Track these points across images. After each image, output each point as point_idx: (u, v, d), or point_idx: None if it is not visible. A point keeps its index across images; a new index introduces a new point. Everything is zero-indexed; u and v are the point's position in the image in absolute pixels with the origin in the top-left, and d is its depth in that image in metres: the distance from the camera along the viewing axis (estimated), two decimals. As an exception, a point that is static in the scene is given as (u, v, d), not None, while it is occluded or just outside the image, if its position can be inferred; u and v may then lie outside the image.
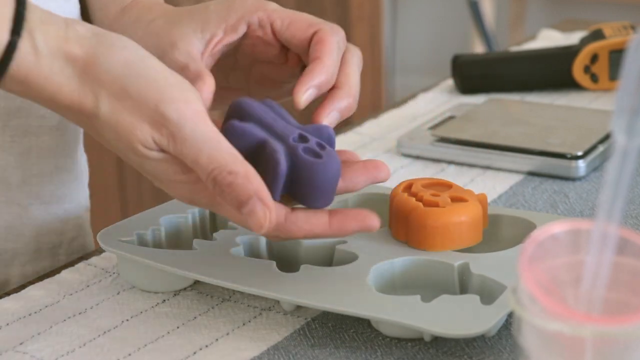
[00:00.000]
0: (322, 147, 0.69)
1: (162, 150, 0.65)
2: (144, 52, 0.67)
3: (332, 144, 0.71)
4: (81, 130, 0.92)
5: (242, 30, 0.78)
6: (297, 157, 0.67)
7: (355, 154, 0.74)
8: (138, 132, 0.65)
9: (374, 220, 0.68)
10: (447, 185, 0.78)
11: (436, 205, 0.75)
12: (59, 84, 0.65)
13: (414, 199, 0.76)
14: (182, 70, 0.74)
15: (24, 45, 0.64)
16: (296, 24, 0.78)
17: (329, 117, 0.73)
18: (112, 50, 0.65)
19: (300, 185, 0.67)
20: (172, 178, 0.67)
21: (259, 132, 0.68)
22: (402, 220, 0.76)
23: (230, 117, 0.70)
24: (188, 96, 0.65)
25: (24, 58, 0.64)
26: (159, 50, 0.75)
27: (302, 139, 0.69)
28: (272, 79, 0.81)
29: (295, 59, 0.80)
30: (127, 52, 0.66)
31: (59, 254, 0.90)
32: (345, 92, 0.75)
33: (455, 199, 0.76)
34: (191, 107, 0.65)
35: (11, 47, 0.64)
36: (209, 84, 0.72)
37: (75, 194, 0.91)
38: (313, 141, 0.69)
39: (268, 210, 0.64)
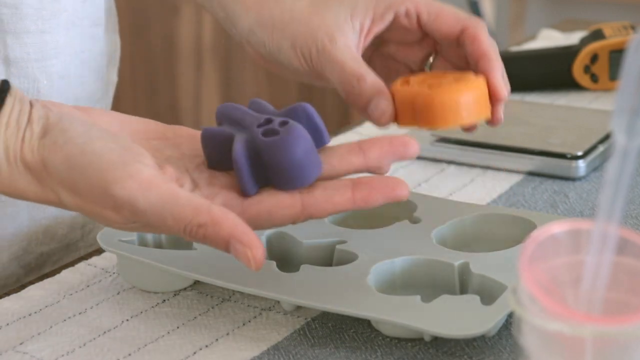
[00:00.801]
0: (284, 124, 0.66)
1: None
2: (85, 138, 0.64)
3: (311, 119, 0.68)
4: None
5: (388, 19, 0.79)
6: (257, 142, 0.66)
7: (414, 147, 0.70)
8: (106, 218, 0.64)
9: (403, 190, 0.66)
10: (442, 75, 0.78)
11: (440, 85, 0.75)
12: (23, 188, 0.65)
13: (416, 86, 0.76)
14: (355, 79, 0.75)
15: None
16: (443, 17, 0.78)
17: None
18: (54, 149, 0.64)
19: (268, 169, 0.65)
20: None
21: (227, 130, 0.67)
22: (408, 106, 0.75)
23: (217, 124, 0.70)
24: (131, 169, 0.63)
25: None
26: (309, 42, 0.76)
27: (267, 122, 0.67)
28: (397, 61, 0.82)
29: (430, 43, 0.80)
30: (67, 147, 0.64)
31: (79, 248, 0.92)
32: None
33: (458, 79, 0.76)
34: (137, 179, 0.63)
35: None
36: (387, 100, 0.75)
37: None
38: (276, 121, 0.66)
39: (248, 249, 0.62)
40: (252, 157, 0.65)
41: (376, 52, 0.82)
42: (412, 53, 0.82)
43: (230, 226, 0.62)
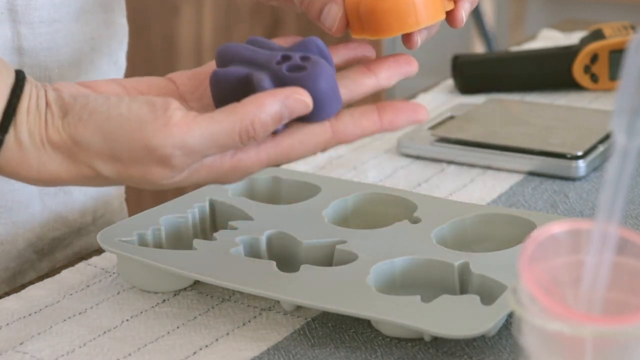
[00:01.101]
0: (306, 59, 0.67)
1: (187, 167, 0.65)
2: (107, 106, 0.65)
3: (323, 53, 0.69)
4: None
5: None
6: (283, 78, 0.66)
7: (371, 50, 0.73)
8: (152, 176, 0.64)
9: (424, 114, 0.68)
10: None
11: None
12: (54, 170, 0.65)
13: None
14: None
15: (9, 141, 0.64)
16: None
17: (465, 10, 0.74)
18: (82, 125, 0.64)
19: None
20: (218, 170, 0.66)
21: (240, 70, 0.67)
22: (355, 13, 0.72)
23: (218, 67, 0.69)
24: (163, 119, 0.64)
25: (11, 153, 0.64)
26: None
27: (285, 58, 0.67)
28: None
29: None
30: (93, 118, 0.64)
31: (90, 232, 0.93)
32: None
33: None
34: (172, 124, 0.63)
35: None
36: (339, 6, 0.72)
37: None
38: (296, 57, 0.67)
39: (295, 95, 0.64)
40: None
41: None
42: None
43: (271, 96, 0.64)
